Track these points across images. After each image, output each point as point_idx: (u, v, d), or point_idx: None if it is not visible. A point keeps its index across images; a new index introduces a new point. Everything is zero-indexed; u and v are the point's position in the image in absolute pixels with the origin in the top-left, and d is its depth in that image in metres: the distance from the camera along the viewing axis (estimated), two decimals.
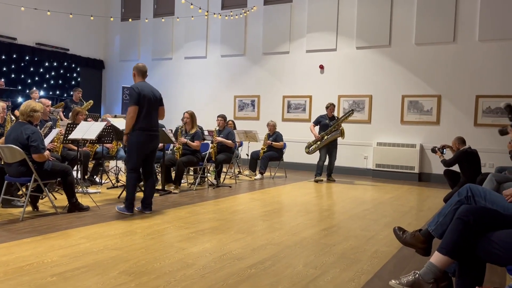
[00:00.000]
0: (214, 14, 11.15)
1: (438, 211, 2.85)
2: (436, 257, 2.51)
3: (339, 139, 8.59)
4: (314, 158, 9.36)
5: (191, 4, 9.88)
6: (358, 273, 3.23)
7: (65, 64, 12.53)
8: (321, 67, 10.43)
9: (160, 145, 7.09)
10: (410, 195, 7.36)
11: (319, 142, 8.54)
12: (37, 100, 7.77)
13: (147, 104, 4.98)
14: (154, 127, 5.09)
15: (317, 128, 8.70)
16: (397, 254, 3.73)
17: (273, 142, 8.92)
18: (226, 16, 11.21)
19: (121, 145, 8.13)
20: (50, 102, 7.56)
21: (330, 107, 8.59)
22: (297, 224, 4.85)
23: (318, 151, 8.70)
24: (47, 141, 5.39)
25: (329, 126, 8.47)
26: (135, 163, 5.01)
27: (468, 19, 8.95)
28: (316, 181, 8.48)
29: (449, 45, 9.12)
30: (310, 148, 8.71)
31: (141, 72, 5.17)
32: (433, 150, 6.90)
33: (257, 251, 3.69)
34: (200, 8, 10.21)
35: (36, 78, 11.78)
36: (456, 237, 2.48)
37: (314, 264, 3.38)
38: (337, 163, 10.10)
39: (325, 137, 8.46)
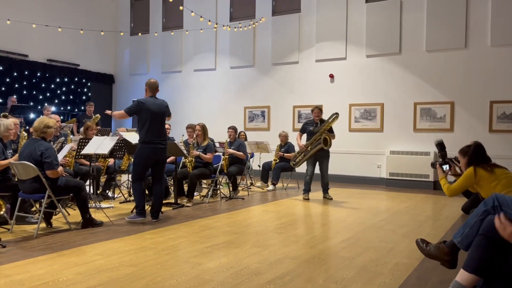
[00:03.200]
0: (224, 26, 11.20)
1: (464, 221, 2.75)
2: (462, 275, 2.42)
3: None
4: (329, 168, 9.26)
5: (201, 17, 9.93)
6: (381, 287, 3.12)
7: (76, 79, 12.64)
8: (331, 76, 10.37)
9: (172, 158, 7.10)
10: (426, 204, 7.21)
11: (303, 154, 7.39)
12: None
13: (150, 118, 5.21)
14: (157, 140, 5.25)
15: (304, 137, 7.53)
16: (419, 267, 3.62)
17: (285, 154, 8.84)
18: (235, 28, 11.25)
19: (132, 159, 8.13)
20: (60, 117, 7.60)
21: (315, 110, 7.26)
22: (314, 236, 4.75)
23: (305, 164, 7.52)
24: (60, 156, 5.39)
25: (314, 133, 7.22)
26: (138, 173, 5.29)
27: (479, 24, 8.85)
28: (304, 199, 7.36)
29: (461, 51, 9.02)
30: (296, 160, 7.60)
31: (151, 88, 5.42)
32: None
33: (274, 266, 3.60)
34: (209, 21, 10.27)
35: (48, 94, 11.89)
36: (481, 254, 2.38)
37: (334, 279, 3.29)
38: (350, 172, 10.04)
39: (309, 147, 7.25)
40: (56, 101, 12.08)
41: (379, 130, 9.87)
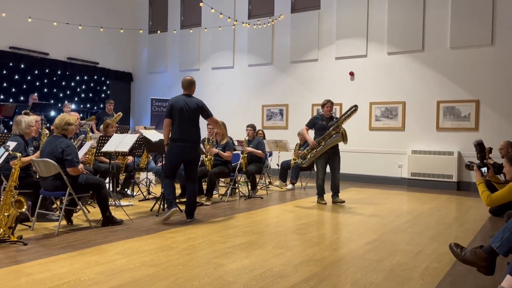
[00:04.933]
0: (243, 23, 11.10)
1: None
2: (509, 282, 2.27)
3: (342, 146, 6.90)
4: (348, 167, 9.10)
5: (221, 14, 9.86)
6: None
7: (95, 77, 12.73)
8: (351, 74, 10.19)
9: None
10: (451, 205, 7.00)
11: (315, 150, 6.72)
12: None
13: (178, 117, 5.22)
14: (185, 138, 5.20)
15: (312, 132, 6.98)
16: (451, 271, 3.46)
17: None
18: (254, 25, 11.15)
19: (151, 157, 8.13)
20: (79, 115, 7.61)
21: (327, 104, 6.85)
22: (337, 238, 4.63)
23: (314, 165, 6.91)
24: (80, 154, 5.37)
25: (327, 128, 6.69)
26: (168, 171, 5.31)
27: (506, 20, 8.55)
28: (321, 203, 6.82)
29: (487, 47, 8.74)
30: (305, 159, 6.87)
31: (183, 85, 5.52)
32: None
33: (299, 268, 3.49)
34: (229, 18, 10.19)
35: (68, 92, 11.99)
36: None
37: (362, 283, 3.16)
38: (370, 172, 9.84)
39: (323, 143, 6.66)
40: (76, 99, 12.18)
41: (400, 129, 9.65)
